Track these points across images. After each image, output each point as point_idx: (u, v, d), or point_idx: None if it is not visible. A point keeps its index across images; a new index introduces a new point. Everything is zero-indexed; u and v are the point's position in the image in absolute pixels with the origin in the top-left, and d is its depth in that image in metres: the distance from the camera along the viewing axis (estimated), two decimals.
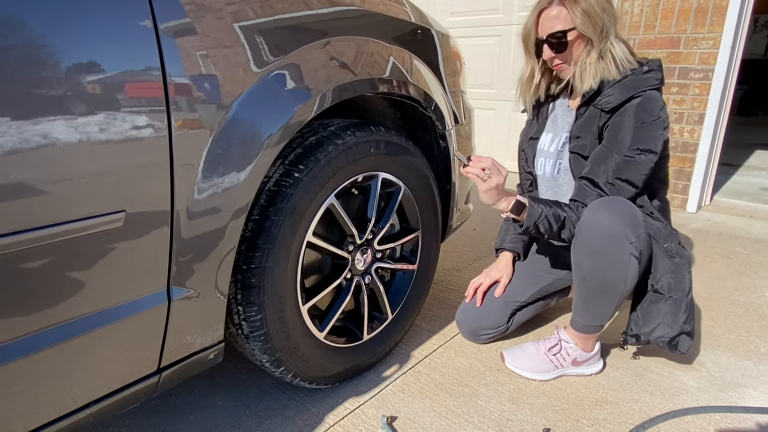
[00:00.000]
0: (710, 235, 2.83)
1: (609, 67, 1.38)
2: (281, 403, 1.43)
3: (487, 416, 1.38)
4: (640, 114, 1.36)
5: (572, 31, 1.36)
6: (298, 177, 1.17)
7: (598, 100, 1.41)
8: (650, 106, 1.36)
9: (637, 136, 1.36)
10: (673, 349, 1.45)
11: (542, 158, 1.61)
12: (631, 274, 1.35)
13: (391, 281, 1.64)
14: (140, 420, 1.37)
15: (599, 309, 1.43)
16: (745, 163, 4.72)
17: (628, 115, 1.37)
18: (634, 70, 1.39)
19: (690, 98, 3.10)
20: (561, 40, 1.38)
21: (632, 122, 1.36)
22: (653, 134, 1.36)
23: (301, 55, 1.11)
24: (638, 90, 1.36)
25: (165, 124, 0.88)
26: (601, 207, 1.34)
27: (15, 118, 0.71)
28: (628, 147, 1.36)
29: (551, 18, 1.38)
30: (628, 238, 1.32)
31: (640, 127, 1.35)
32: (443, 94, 1.61)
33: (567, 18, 1.36)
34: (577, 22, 1.35)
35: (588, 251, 1.37)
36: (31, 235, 0.75)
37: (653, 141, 1.36)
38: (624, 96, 1.37)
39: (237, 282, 1.14)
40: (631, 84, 1.38)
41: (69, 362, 0.85)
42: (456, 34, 1.84)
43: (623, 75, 1.39)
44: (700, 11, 2.96)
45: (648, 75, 1.38)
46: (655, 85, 1.37)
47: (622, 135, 1.37)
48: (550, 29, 1.38)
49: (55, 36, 0.75)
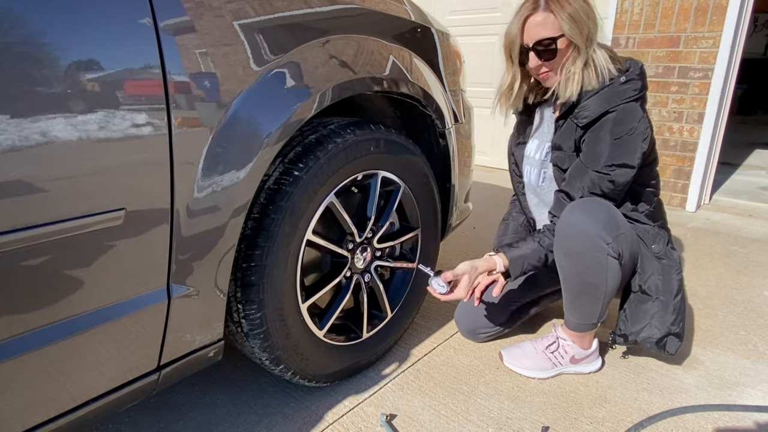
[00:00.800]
0: (709, 234, 2.83)
1: (591, 75, 1.35)
2: (280, 401, 1.43)
3: (486, 414, 1.39)
4: (616, 128, 1.34)
5: (561, 38, 1.33)
6: (298, 175, 1.17)
7: (575, 113, 1.40)
8: (626, 120, 1.34)
9: (613, 152, 1.35)
10: (661, 349, 1.46)
11: (528, 166, 1.62)
12: (611, 275, 1.36)
13: (390, 280, 1.64)
14: (140, 417, 1.37)
15: (586, 308, 1.44)
16: (744, 162, 4.72)
17: (604, 130, 1.35)
18: (612, 81, 1.36)
19: (689, 97, 3.10)
20: (549, 48, 1.34)
21: (607, 138, 1.35)
22: (629, 148, 1.34)
23: (301, 54, 1.11)
24: (613, 105, 1.34)
25: (165, 122, 0.88)
26: (576, 209, 1.36)
27: (15, 116, 0.71)
28: (604, 163, 1.36)
29: (538, 24, 1.33)
30: (603, 239, 1.32)
31: (615, 143, 1.34)
32: (443, 93, 1.61)
33: (555, 24, 1.32)
34: (565, 29, 1.31)
35: (565, 253, 1.38)
36: (31, 233, 0.75)
37: (629, 155, 1.35)
38: (599, 111, 1.35)
39: (237, 280, 1.14)
40: (606, 97, 1.35)
41: (69, 360, 0.85)
42: (455, 32, 1.84)
43: (601, 85, 1.36)
44: (700, 10, 2.95)
45: (625, 86, 1.35)
46: (632, 97, 1.34)
47: (598, 150, 1.36)
48: (538, 36, 1.34)
49: (55, 33, 0.75)
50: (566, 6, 1.31)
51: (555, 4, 1.31)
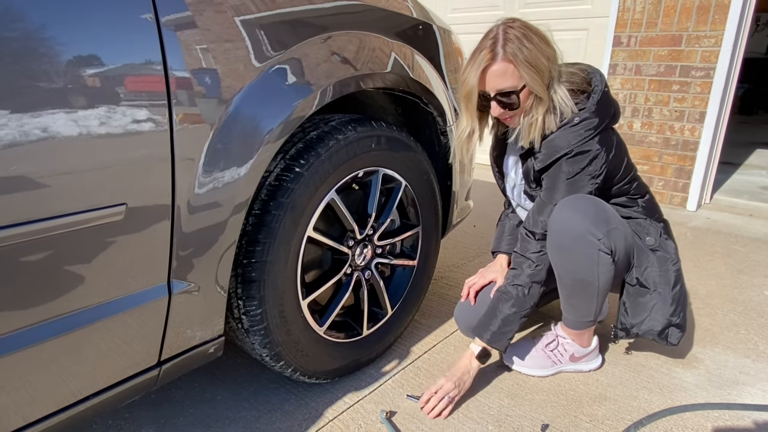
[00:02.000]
0: (710, 233, 2.83)
1: (550, 120, 1.34)
2: (281, 397, 1.44)
3: (485, 411, 1.39)
4: (568, 168, 1.36)
5: (523, 90, 1.29)
6: (299, 172, 1.17)
7: (534, 155, 1.41)
8: (577, 160, 1.35)
9: (566, 190, 1.37)
10: (663, 341, 1.46)
11: (509, 184, 1.64)
12: (603, 270, 1.36)
13: (391, 277, 1.64)
14: (140, 413, 1.37)
15: (581, 306, 1.44)
16: (745, 161, 4.71)
17: (558, 170, 1.38)
18: (566, 123, 1.34)
19: (691, 96, 3.10)
20: (510, 98, 1.31)
21: (561, 177, 1.37)
22: (581, 186, 1.37)
23: (302, 50, 1.11)
24: (566, 149, 1.34)
25: (166, 118, 0.88)
26: (566, 206, 1.36)
27: (16, 111, 0.71)
28: (558, 200, 1.38)
29: (498, 76, 1.28)
30: (593, 234, 1.33)
31: (568, 182, 1.37)
32: (444, 90, 1.61)
33: (515, 75, 1.27)
34: (526, 79, 1.27)
35: (556, 249, 1.39)
36: (32, 227, 0.75)
37: (580, 191, 1.37)
38: (552, 157, 1.36)
39: (237, 276, 1.14)
40: (560, 140, 1.34)
41: (69, 354, 0.85)
42: (457, 30, 1.83)
43: (558, 126, 1.34)
44: (702, 9, 2.95)
45: (578, 128, 1.33)
46: (587, 137, 1.33)
47: (554, 188, 1.39)
48: (498, 87, 1.30)
49: (57, 29, 0.75)
50: (524, 51, 1.25)
51: (511, 51, 1.25)
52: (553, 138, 1.36)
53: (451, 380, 1.38)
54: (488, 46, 1.28)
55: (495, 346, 1.42)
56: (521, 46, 1.25)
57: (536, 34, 1.28)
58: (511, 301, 1.41)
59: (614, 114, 1.40)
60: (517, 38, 1.25)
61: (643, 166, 3.36)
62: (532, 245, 1.43)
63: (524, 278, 1.41)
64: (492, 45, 1.27)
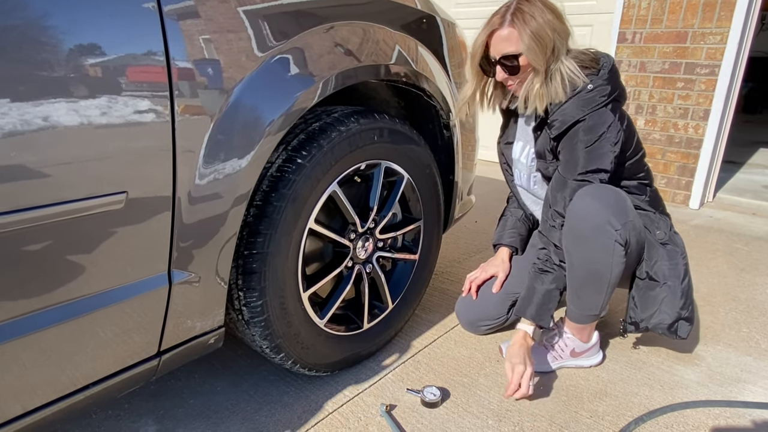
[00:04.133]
0: (712, 231, 2.82)
1: (557, 89, 1.35)
2: (280, 389, 1.44)
3: (485, 406, 1.38)
4: (586, 137, 1.36)
5: (521, 56, 1.33)
6: (301, 163, 1.16)
7: (548, 123, 1.42)
8: (595, 127, 1.35)
9: (586, 159, 1.37)
10: (673, 335, 1.46)
11: (518, 169, 1.64)
12: (616, 261, 1.36)
13: (392, 271, 1.64)
14: (139, 404, 1.37)
15: (589, 298, 1.44)
16: (748, 160, 4.70)
17: (575, 139, 1.37)
18: (579, 90, 1.35)
19: (695, 94, 3.08)
20: (513, 63, 1.34)
21: (580, 146, 1.37)
22: (600, 153, 1.36)
23: (304, 40, 1.11)
24: (581, 114, 1.35)
25: (168, 108, 0.87)
26: (588, 194, 1.36)
27: (17, 100, 0.71)
28: (579, 171, 1.38)
29: (503, 40, 1.33)
30: (612, 225, 1.33)
31: (587, 150, 1.36)
32: (448, 84, 1.60)
33: (518, 41, 1.31)
34: (523, 48, 1.31)
35: (574, 237, 1.38)
36: (32, 214, 0.75)
37: (601, 160, 1.36)
38: (568, 122, 1.36)
39: (238, 267, 1.14)
40: (574, 108, 1.36)
41: (68, 343, 0.85)
42: (461, 25, 1.82)
43: (569, 96, 1.36)
44: (708, 6, 2.93)
45: (592, 94, 1.35)
46: (601, 103, 1.34)
47: (573, 159, 1.39)
48: (502, 51, 1.34)
49: (59, 17, 0.74)
50: (530, 22, 1.29)
51: (519, 20, 1.30)
52: (566, 105, 1.37)
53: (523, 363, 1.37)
54: (500, 12, 1.34)
55: (540, 323, 1.44)
56: (530, 16, 1.30)
57: (548, 8, 1.33)
58: (550, 276, 1.44)
59: (623, 89, 1.42)
60: (529, 9, 1.31)
61: None
62: (556, 234, 1.43)
63: (556, 259, 1.44)
64: (504, 11, 1.34)
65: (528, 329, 1.45)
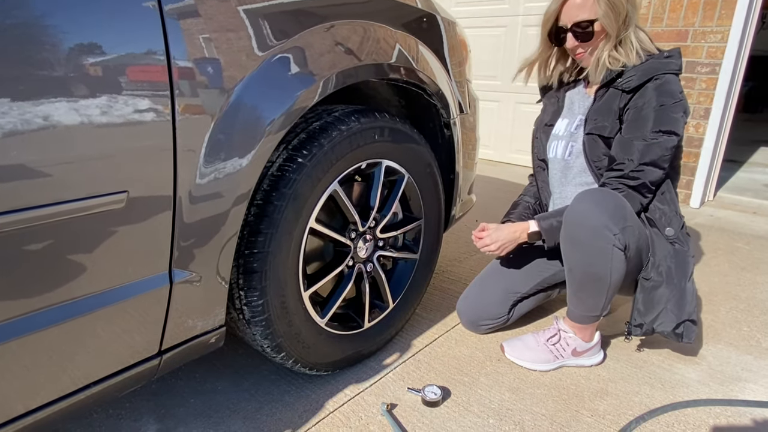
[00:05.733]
0: (713, 230, 2.82)
1: (629, 54, 1.40)
2: (281, 388, 1.44)
3: (486, 405, 1.38)
4: (661, 96, 1.37)
5: (597, 22, 1.38)
6: (302, 162, 1.16)
7: (619, 82, 1.43)
8: (671, 89, 1.37)
9: (659, 118, 1.37)
10: (678, 338, 1.43)
11: (555, 141, 1.62)
12: (616, 266, 1.35)
13: (392, 270, 1.64)
14: (140, 403, 1.37)
15: (589, 300, 1.43)
16: (749, 159, 4.69)
17: (649, 97, 1.38)
18: (654, 56, 1.41)
19: (696, 92, 3.08)
20: (586, 30, 1.38)
21: (653, 104, 1.37)
22: (674, 116, 1.37)
23: (305, 39, 1.10)
24: (658, 72, 1.38)
25: (169, 107, 0.87)
26: (585, 198, 1.36)
27: (18, 99, 0.71)
28: (650, 129, 1.38)
29: (578, 7, 1.38)
30: (610, 229, 1.32)
31: (661, 109, 1.37)
32: (448, 83, 1.59)
33: (593, 7, 1.36)
34: (600, 14, 1.36)
35: (571, 241, 1.38)
36: (33, 213, 0.75)
37: (675, 123, 1.37)
38: (645, 77, 1.38)
39: (239, 267, 1.14)
40: (651, 66, 1.39)
41: (70, 342, 0.85)
42: (461, 24, 1.82)
43: (642, 61, 1.40)
44: (709, 4, 2.92)
45: (668, 60, 1.39)
46: (674, 70, 1.39)
47: (644, 117, 1.39)
48: (576, 18, 1.39)
49: (59, 17, 0.74)
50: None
51: None
52: (645, 64, 1.40)
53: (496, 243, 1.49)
54: None
55: (546, 237, 1.47)
56: None
57: None
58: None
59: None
60: None
61: None
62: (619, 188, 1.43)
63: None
64: None
65: (533, 227, 1.48)
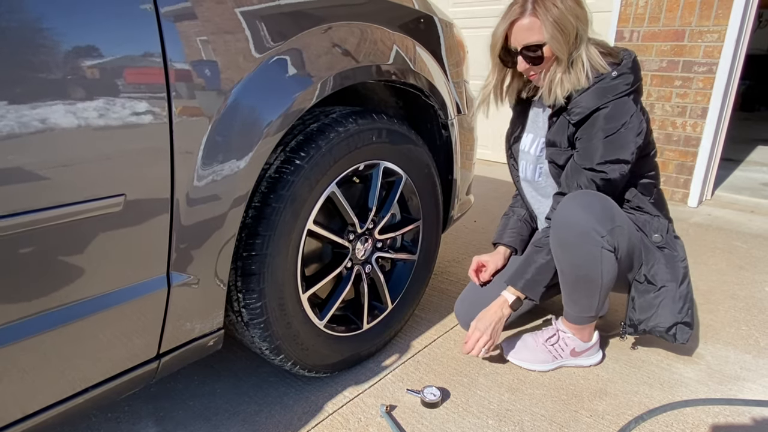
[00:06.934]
0: (711, 229, 2.82)
1: (579, 76, 1.34)
2: (280, 390, 1.43)
3: (485, 406, 1.38)
4: (608, 125, 1.34)
5: (547, 46, 1.32)
6: (300, 164, 1.16)
7: (568, 109, 1.40)
8: (618, 115, 1.33)
9: (606, 148, 1.35)
10: (671, 339, 1.45)
11: (524, 161, 1.63)
12: (607, 267, 1.36)
13: (391, 271, 1.64)
14: (139, 406, 1.37)
15: (582, 301, 1.44)
16: (746, 158, 4.70)
17: (596, 127, 1.35)
18: (603, 77, 1.35)
19: (693, 92, 3.08)
20: (536, 54, 1.33)
21: (600, 134, 1.35)
22: (622, 143, 1.34)
23: (302, 41, 1.10)
24: (604, 101, 1.33)
25: (165, 109, 0.87)
26: (571, 201, 1.35)
27: (14, 102, 0.70)
28: (597, 160, 1.36)
29: (525, 29, 1.32)
30: (597, 231, 1.32)
31: (608, 139, 1.34)
32: (446, 83, 1.60)
33: (541, 30, 1.30)
34: (547, 37, 1.30)
35: (560, 244, 1.38)
36: (31, 217, 0.74)
37: (623, 150, 1.35)
38: (590, 108, 1.35)
39: (237, 269, 1.14)
40: (597, 94, 1.34)
41: (67, 347, 0.85)
42: (459, 24, 1.82)
43: (592, 83, 1.35)
44: (706, 4, 2.93)
45: (616, 81, 1.34)
46: (624, 92, 1.33)
47: (591, 148, 1.36)
48: (524, 41, 1.33)
49: (56, 19, 0.74)
50: (552, 10, 1.28)
51: (541, 8, 1.29)
52: (589, 92, 1.35)
53: (486, 332, 1.42)
54: (520, 1, 1.32)
55: (529, 294, 1.43)
56: (552, 4, 1.28)
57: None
58: (546, 249, 1.42)
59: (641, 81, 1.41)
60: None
61: None
62: None
63: None
64: (524, 0, 1.31)
65: (510, 298, 1.44)
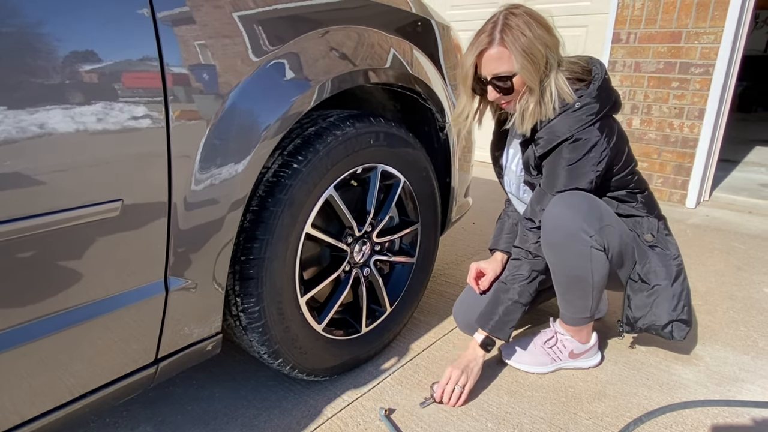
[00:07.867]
0: (709, 230, 2.83)
1: (547, 107, 1.32)
2: (279, 395, 1.43)
3: (485, 409, 1.38)
4: (569, 155, 1.35)
5: (518, 76, 1.29)
6: (297, 168, 1.16)
7: (534, 140, 1.40)
8: (579, 147, 1.33)
9: (566, 177, 1.36)
10: (668, 336, 1.46)
11: (508, 177, 1.64)
12: (597, 267, 1.36)
13: (389, 274, 1.64)
14: (137, 410, 1.37)
15: (576, 302, 1.44)
16: (744, 159, 4.71)
17: (559, 156, 1.36)
18: (567, 108, 1.33)
19: (690, 93, 3.09)
20: (506, 84, 1.31)
21: (562, 164, 1.36)
22: (581, 173, 1.35)
23: (300, 45, 1.10)
24: (567, 134, 1.33)
25: (163, 114, 0.87)
26: (559, 202, 1.36)
27: (12, 107, 0.70)
28: (558, 188, 1.37)
29: (494, 60, 1.29)
30: (585, 231, 1.33)
31: (569, 168, 1.35)
32: (443, 87, 1.60)
33: (510, 60, 1.27)
34: (517, 68, 1.27)
35: (549, 246, 1.38)
36: (27, 223, 0.74)
37: (581, 179, 1.35)
38: (553, 142, 1.35)
39: (235, 273, 1.14)
40: (561, 126, 1.33)
41: (65, 352, 0.85)
42: (456, 27, 1.83)
43: (557, 113, 1.33)
44: (702, 5, 2.94)
45: (579, 113, 1.32)
46: (587, 122, 1.32)
47: (554, 176, 1.38)
48: (493, 71, 1.30)
49: (53, 24, 0.74)
50: (520, 38, 1.25)
51: (509, 37, 1.26)
52: (553, 123, 1.35)
53: (458, 369, 1.39)
54: (488, 30, 1.29)
55: (497, 336, 1.43)
56: (520, 33, 1.25)
57: (537, 22, 1.28)
58: (512, 290, 1.42)
59: (615, 102, 1.39)
60: (518, 25, 1.26)
61: (642, 164, 3.35)
62: (531, 236, 1.42)
63: (525, 269, 1.42)
64: (491, 29, 1.28)
65: (479, 338, 1.44)
